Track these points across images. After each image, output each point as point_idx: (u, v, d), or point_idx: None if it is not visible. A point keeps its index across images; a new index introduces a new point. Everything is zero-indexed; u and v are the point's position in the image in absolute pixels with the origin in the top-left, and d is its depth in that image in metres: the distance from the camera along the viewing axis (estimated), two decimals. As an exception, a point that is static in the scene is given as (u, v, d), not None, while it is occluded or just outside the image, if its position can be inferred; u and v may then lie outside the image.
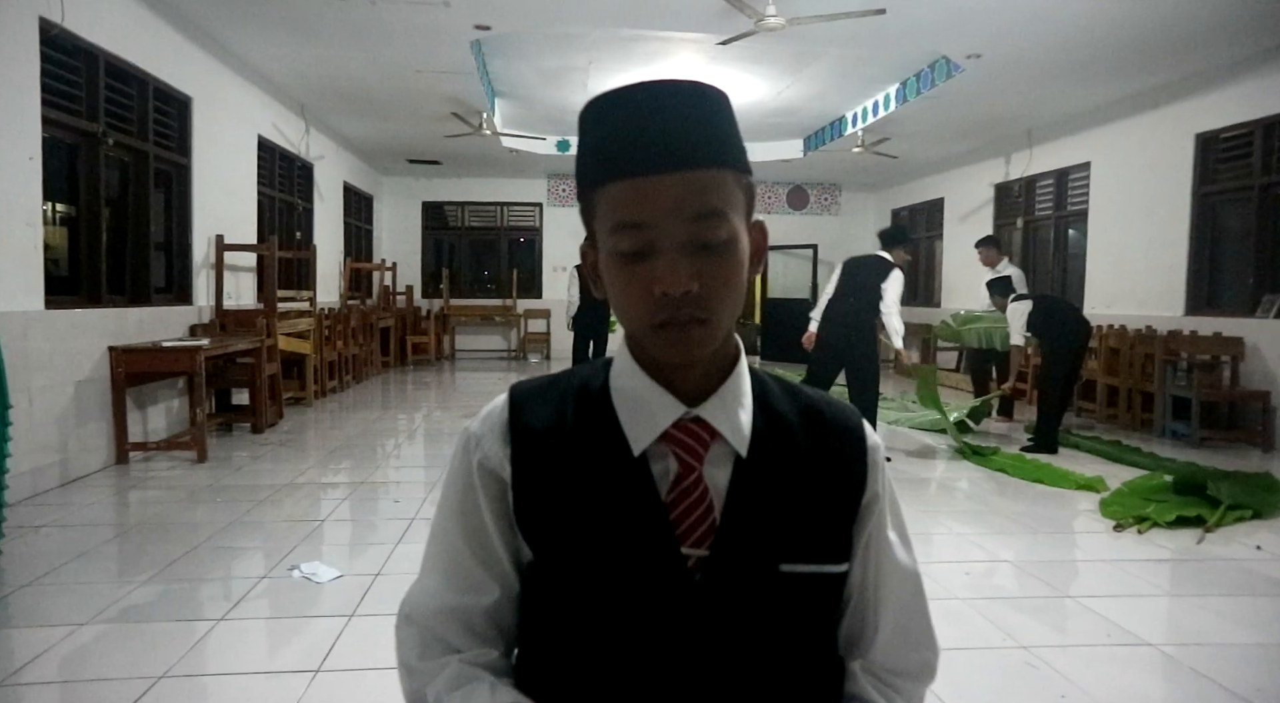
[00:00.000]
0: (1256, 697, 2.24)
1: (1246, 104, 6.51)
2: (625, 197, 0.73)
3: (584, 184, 0.79)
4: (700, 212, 0.73)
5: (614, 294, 0.77)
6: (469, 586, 0.82)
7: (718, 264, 0.74)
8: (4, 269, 4.08)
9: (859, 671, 0.84)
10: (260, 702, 2.20)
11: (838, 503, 0.82)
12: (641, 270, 0.73)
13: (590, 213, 0.79)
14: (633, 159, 0.73)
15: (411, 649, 0.84)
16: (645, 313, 0.74)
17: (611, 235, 0.75)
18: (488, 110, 8.79)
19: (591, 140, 0.78)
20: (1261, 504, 4.24)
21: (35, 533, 3.63)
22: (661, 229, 0.72)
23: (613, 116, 0.76)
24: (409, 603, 0.87)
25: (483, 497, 0.82)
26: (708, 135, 0.74)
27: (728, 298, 0.75)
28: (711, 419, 0.79)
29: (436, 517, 0.87)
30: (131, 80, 5.38)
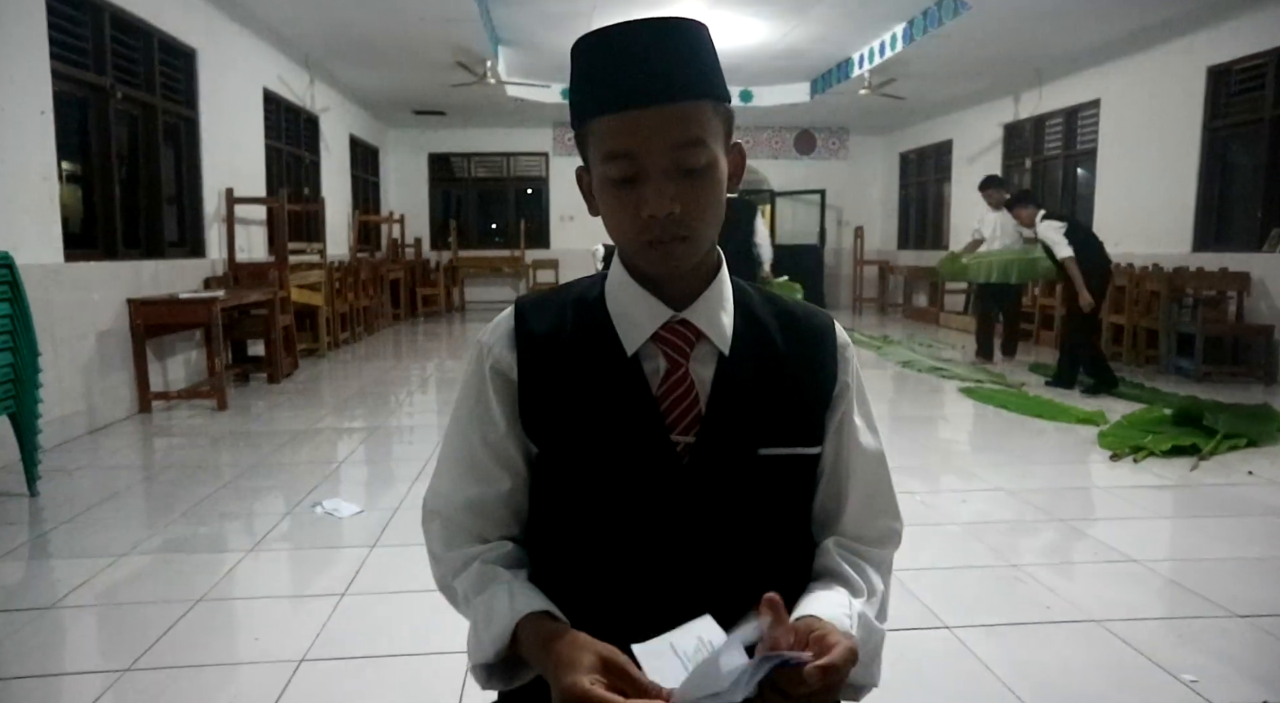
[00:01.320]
0: (1232, 604, 2.36)
1: (1260, 34, 6.41)
2: (615, 128, 0.81)
3: (578, 116, 0.87)
4: (682, 141, 0.80)
5: (607, 215, 0.86)
6: (484, 477, 0.91)
7: (698, 187, 0.82)
8: (24, 223, 4.17)
9: (831, 546, 0.93)
10: (291, 622, 2.34)
11: (812, 393, 0.91)
12: (630, 194, 0.82)
13: (584, 142, 0.87)
14: (621, 94, 0.80)
15: (437, 540, 0.94)
16: (634, 232, 0.83)
17: (603, 163, 0.83)
18: (492, 58, 8.74)
19: (583, 76, 0.85)
20: (1257, 433, 4.33)
21: (69, 476, 3.79)
22: (648, 157, 0.80)
23: (602, 54, 0.83)
24: (432, 498, 0.96)
25: (494, 398, 0.91)
26: (688, 70, 0.81)
27: (707, 216, 0.84)
28: (696, 321, 0.88)
29: (452, 420, 0.97)
30: (137, 33, 5.40)
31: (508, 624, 0.80)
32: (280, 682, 1.97)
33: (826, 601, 0.84)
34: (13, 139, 4.09)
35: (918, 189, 12.99)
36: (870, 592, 0.90)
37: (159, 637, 2.19)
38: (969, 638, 2.17)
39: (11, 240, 3.95)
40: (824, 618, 0.79)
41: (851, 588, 0.88)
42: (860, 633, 0.81)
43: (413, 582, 2.54)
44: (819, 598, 0.85)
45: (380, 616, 2.36)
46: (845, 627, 0.79)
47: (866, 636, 0.83)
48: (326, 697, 1.93)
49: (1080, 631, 2.23)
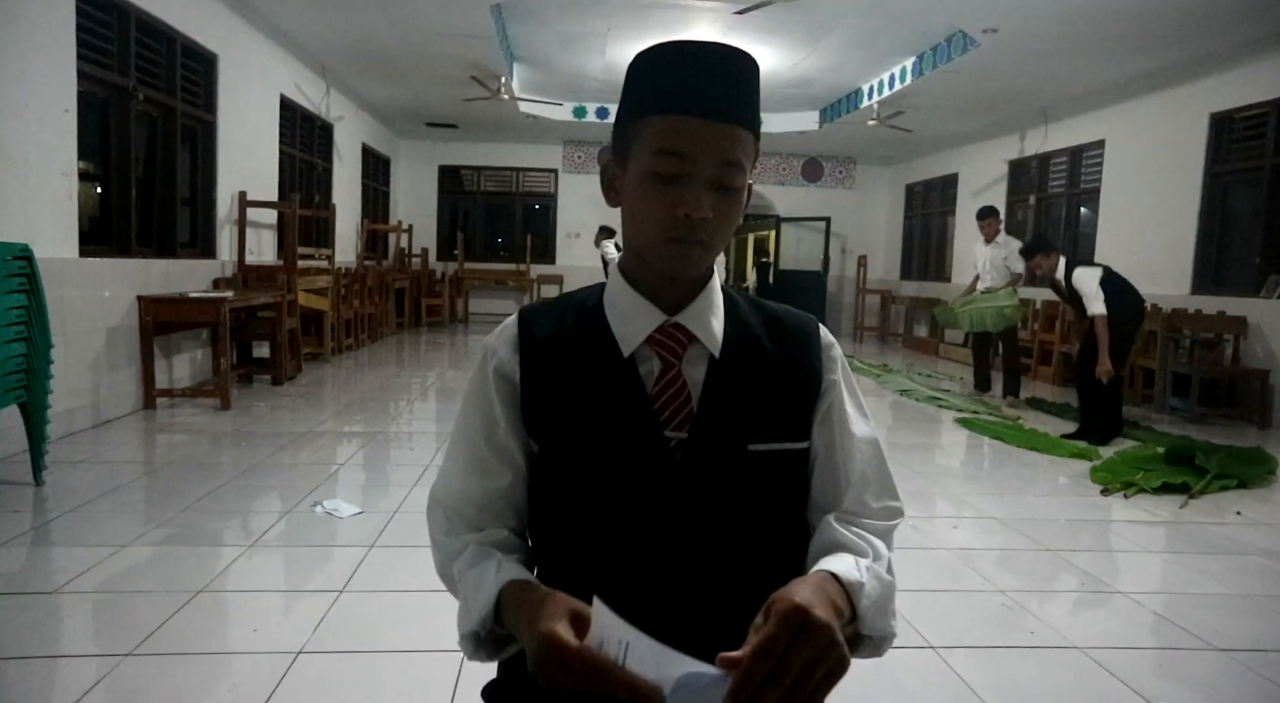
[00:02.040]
0: (1213, 637, 2.40)
1: (1262, 84, 6.53)
2: (676, 129, 0.88)
3: (635, 109, 0.92)
4: (729, 159, 0.88)
5: (637, 206, 0.91)
6: (486, 472, 0.97)
7: (728, 204, 0.90)
8: (42, 217, 4.25)
9: (831, 520, 0.95)
10: (290, 615, 2.39)
11: (798, 391, 0.97)
12: (670, 192, 0.88)
13: (632, 134, 0.92)
14: (689, 100, 0.87)
15: (439, 527, 1.00)
16: (663, 227, 0.89)
17: (654, 157, 0.89)
18: (506, 75, 8.87)
19: (651, 75, 0.91)
20: (1248, 475, 4.37)
21: (73, 468, 3.84)
22: (697, 163, 0.88)
23: (676, 60, 0.89)
24: (436, 490, 1.02)
25: (497, 398, 0.97)
26: (746, 99, 0.90)
27: (725, 231, 0.92)
28: (688, 325, 0.95)
29: (458, 419, 1.02)
30: (160, 36, 5.51)
31: (492, 592, 0.85)
32: (278, 672, 2.01)
33: (834, 561, 0.86)
34: (36, 135, 4.18)
35: (922, 221, 13.10)
36: (875, 555, 0.91)
37: (159, 625, 2.24)
38: (953, 659, 2.21)
39: (29, 233, 4.03)
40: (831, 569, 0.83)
41: (856, 551, 0.90)
42: (870, 584, 0.84)
43: (410, 581, 2.59)
44: (825, 562, 0.87)
45: (377, 612, 2.41)
46: (855, 577, 0.83)
47: (876, 587, 0.85)
48: (324, 688, 1.97)
49: (1062, 656, 2.28)
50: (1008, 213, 10.46)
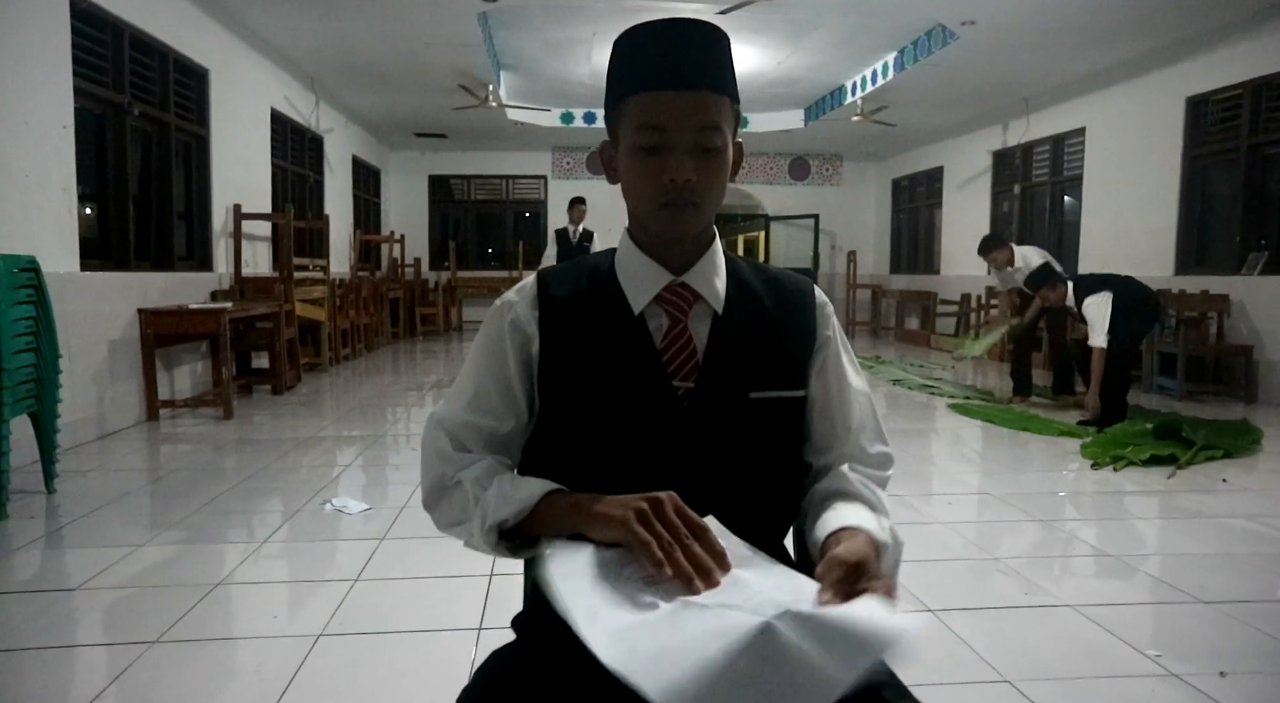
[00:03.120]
0: (1199, 592, 2.49)
1: (1236, 66, 6.66)
2: (651, 104, 0.96)
3: (616, 93, 1.01)
4: (704, 124, 0.96)
5: (631, 179, 1.00)
6: (489, 412, 1.04)
7: (711, 164, 0.98)
8: (44, 232, 4.32)
9: (847, 471, 1.04)
10: (308, 602, 2.46)
11: (795, 345, 1.06)
12: (655, 162, 0.97)
13: (617, 116, 1.01)
14: (660, 77, 0.96)
15: (443, 443, 1.04)
16: (654, 194, 0.98)
17: (637, 133, 0.98)
18: (494, 82, 8.97)
19: (626, 59, 1.00)
20: (1234, 445, 4.48)
21: (83, 476, 3.90)
22: (675, 132, 0.96)
23: (646, 42, 0.99)
24: (439, 414, 1.07)
25: (510, 348, 1.04)
26: (715, 66, 0.98)
27: (714, 190, 1.00)
28: (694, 283, 1.03)
29: (468, 362, 1.09)
30: (153, 52, 5.59)
31: (537, 491, 0.93)
32: (300, 654, 2.08)
33: (865, 517, 0.96)
34: (36, 152, 4.25)
35: (910, 214, 13.23)
36: (884, 511, 1.02)
37: (183, 614, 2.31)
38: (951, 620, 2.30)
39: (32, 248, 4.09)
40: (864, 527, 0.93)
41: (873, 506, 1.00)
42: (892, 545, 0.95)
43: (423, 568, 2.67)
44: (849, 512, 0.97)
45: (393, 597, 2.48)
46: (884, 539, 0.94)
47: (894, 548, 0.96)
48: (345, 667, 2.04)
49: (1055, 614, 2.37)
50: (993, 203, 10.60)
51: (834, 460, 1.07)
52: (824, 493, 1.04)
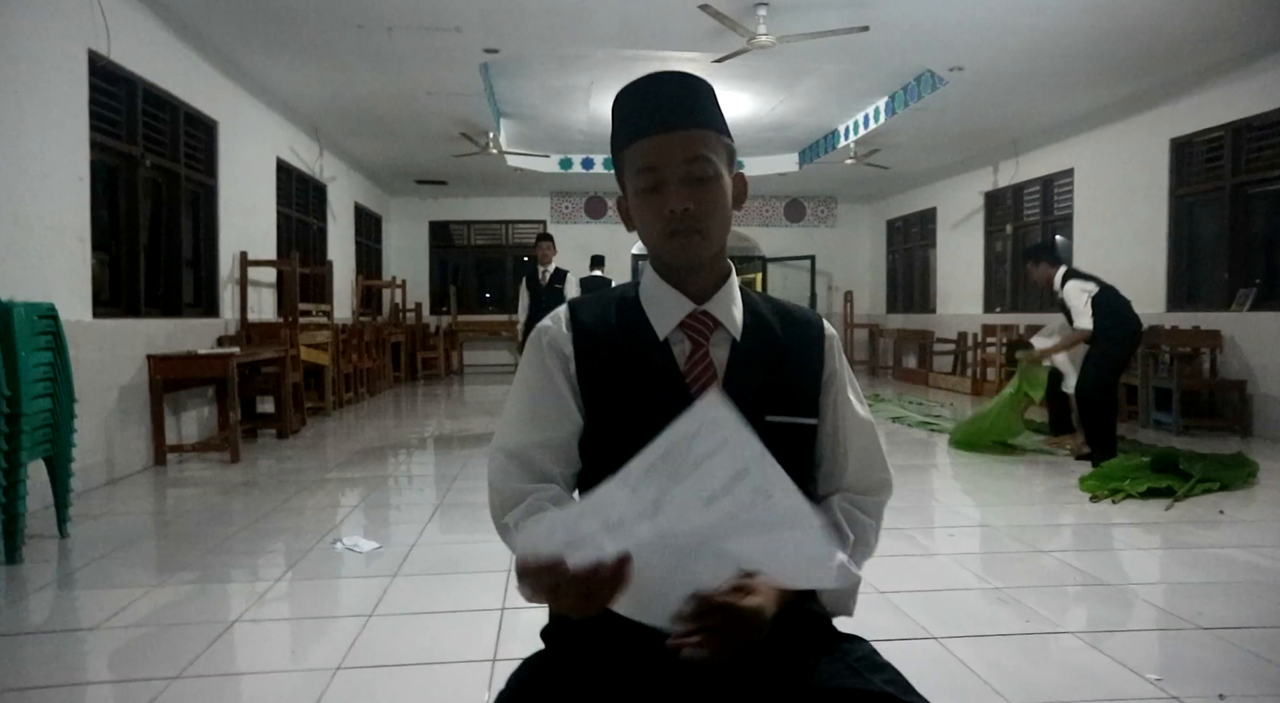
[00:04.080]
0: (1198, 619, 2.54)
1: (1217, 109, 6.86)
2: (643, 149, 1.07)
3: (616, 146, 1.13)
4: (692, 156, 1.06)
5: (639, 219, 1.11)
6: (548, 423, 1.11)
7: (705, 192, 1.07)
8: (59, 281, 4.42)
9: (835, 501, 1.13)
10: (325, 637, 2.50)
11: (805, 374, 1.14)
12: (655, 199, 1.07)
13: (621, 168, 1.13)
14: (647, 125, 1.07)
15: (499, 473, 1.11)
16: (659, 227, 1.07)
17: (635, 178, 1.09)
18: (494, 130, 9.18)
19: (620, 116, 1.12)
20: (1230, 478, 4.54)
21: (94, 520, 3.94)
22: (667, 169, 1.06)
23: (633, 98, 1.10)
24: (498, 439, 1.14)
25: (553, 365, 1.12)
26: (695, 106, 1.09)
27: (715, 215, 1.09)
28: (714, 312, 1.12)
29: (514, 388, 1.16)
30: (165, 106, 5.76)
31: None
32: (320, 687, 2.12)
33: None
34: (53, 203, 4.37)
35: (904, 255, 13.42)
36: (859, 542, 1.12)
37: (202, 651, 2.35)
38: (955, 647, 2.35)
39: (47, 295, 4.18)
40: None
41: (841, 540, 1.09)
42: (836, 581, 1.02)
43: (437, 603, 2.71)
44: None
45: (408, 631, 2.52)
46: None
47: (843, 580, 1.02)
48: (364, 699, 2.08)
49: (1057, 640, 2.42)
50: (986, 243, 10.78)
51: (833, 489, 1.15)
52: None
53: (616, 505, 0.80)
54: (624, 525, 0.80)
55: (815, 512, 0.87)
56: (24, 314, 3.34)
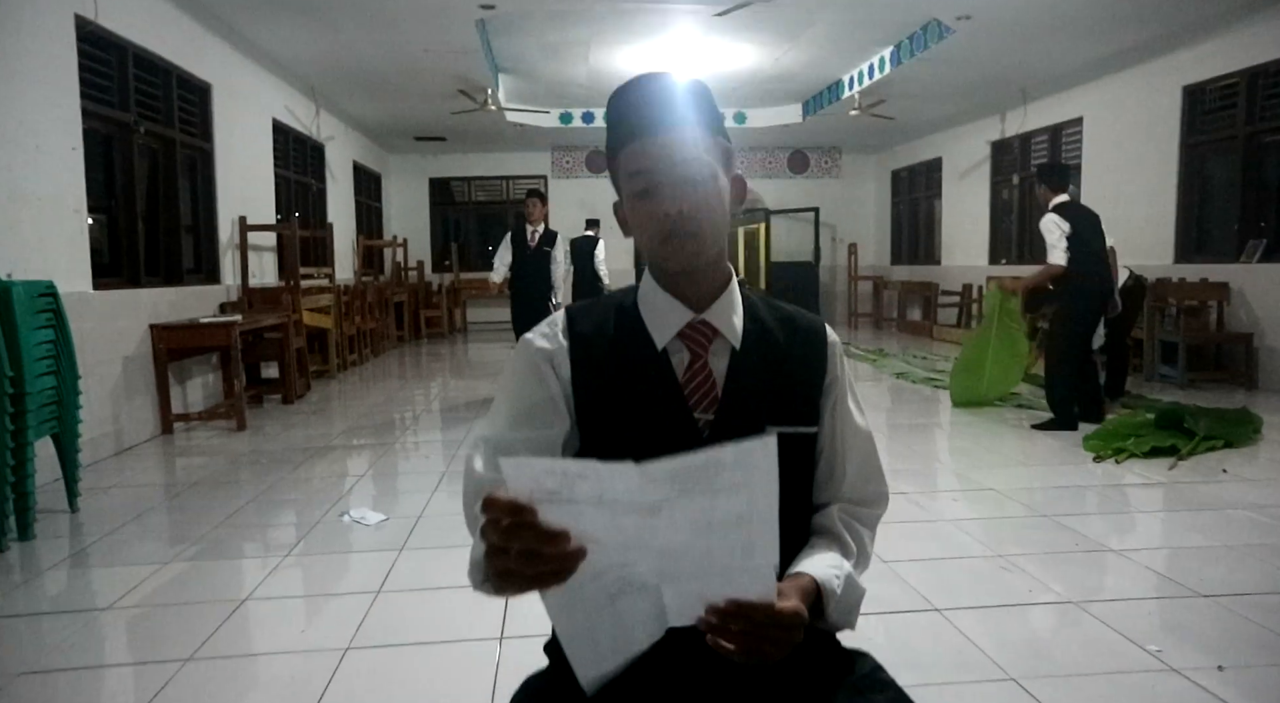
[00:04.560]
0: (1199, 585, 2.56)
1: (1232, 55, 6.70)
2: (635, 152, 1.04)
3: (610, 150, 1.09)
4: (684, 158, 1.03)
5: (635, 224, 1.08)
6: (538, 423, 1.08)
7: (700, 193, 1.04)
8: (57, 253, 4.39)
9: (834, 511, 1.12)
10: (333, 616, 2.53)
11: (807, 382, 1.12)
12: (650, 203, 1.04)
13: (615, 171, 1.09)
14: (638, 126, 1.04)
15: (480, 460, 1.06)
16: (655, 231, 1.04)
17: (628, 182, 1.06)
18: (492, 86, 9.02)
19: (612, 119, 1.09)
20: (1234, 435, 4.54)
21: (104, 493, 3.98)
22: (659, 171, 1.03)
23: (625, 100, 1.06)
24: (484, 432, 1.09)
25: (546, 370, 1.09)
26: (686, 107, 1.05)
27: (710, 217, 1.05)
28: (713, 321, 1.09)
29: (501, 389, 1.13)
30: (157, 70, 5.66)
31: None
32: (329, 667, 2.16)
33: (821, 561, 1.03)
34: (48, 174, 4.32)
35: (909, 206, 13.27)
36: (860, 553, 1.11)
37: (213, 631, 2.38)
38: (957, 619, 2.37)
39: (46, 269, 4.17)
40: (815, 575, 0.99)
41: (844, 550, 1.08)
42: (843, 589, 1.01)
43: (444, 579, 2.74)
44: (816, 558, 1.04)
45: (416, 608, 2.56)
46: (834, 586, 1.00)
47: (848, 591, 1.02)
48: (374, 680, 2.12)
49: (1058, 610, 2.44)
50: (992, 193, 10.64)
51: (830, 498, 1.14)
52: (813, 529, 1.12)
53: (622, 486, 0.77)
54: (615, 508, 0.77)
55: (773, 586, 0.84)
56: (23, 293, 3.32)
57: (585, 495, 0.76)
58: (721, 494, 0.80)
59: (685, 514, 0.80)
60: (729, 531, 0.80)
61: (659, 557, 0.81)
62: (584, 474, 0.76)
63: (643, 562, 0.81)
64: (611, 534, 0.77)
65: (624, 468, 0.76)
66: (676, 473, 0.78)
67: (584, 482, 0.76)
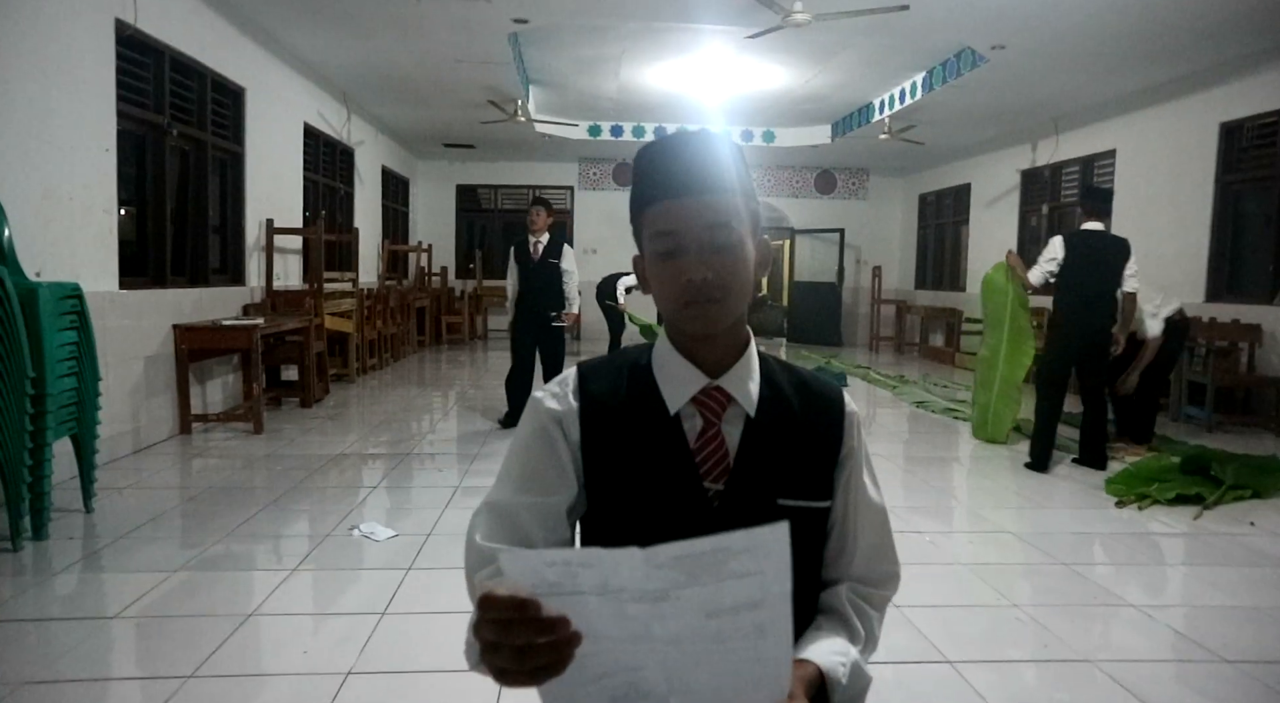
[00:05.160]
0: (1223, 649, 2.49)
1: (1271, 93, 6.59)
2: (663, 213, 1.02)
3: (635, 208, 1.07)
4: (714, 223, 1.01)
5: (655, 284, 1.05)
6: (543, 489, 1.06)
7: (725, 260, 1.01)
8: (86, 253, 4.44)
9: (843, 591, 1.09)
10: (335, 638, 2.52)
11: (821, 454, 1.09)
12: (673, 266, 1.01)
13: (639, 227, 1.07)
14: (669, 188, 1.01)
15: (479, 529, 1.06)
16: (676, 295, 1.02)
17: (652, 241, 1.03)
18: (522, 98, 9.05)
19: (641, 175, 1.06)
20: (1263, 485, 4.43)
21: (119, 493, 4.00)
22: (687, 235, 1.01)
23: (657, 158, 1.04)
24: (491, 497, 1.09)
25: (555, 434, 1.07)
26: (720, 171, 1.02)
27: (735, 285, 1.03)
28: (729, 387, 1.07)
29: (510, 452, 1.11)
30: (192, 73, 5.72)
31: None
32: (331, 691, 2.14)
33: (827, 647, 1.00)
34: (80, 175, 4.37)
35: (936, 230, 13.17)
36: (868, 639, 1.06)
37: (217, 647, 2.37)
38: (969, 673, 2.31)
39: (73, 268, 4.22)
40: (820, 663, 0.95)
41: (851, 635, 1.04)
42: (849, 679, 0.97)
43: (449, 603, 2.72)
44: (823, 644, 1.00)
45: (419, 633, 2.54)
46: (839, 675, 0.96)
47: (854, 681, 0.98)
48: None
49: (1074, 669, 2.37)
50: (1020, 222, 10.53)
51: (839, 576, 1.10)
52: (820, 608, 1.08)
53: (627, 573, 0.75)
54: (621, 596, 0.75)
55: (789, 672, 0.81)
56: (49, 295, 3.35)
57: (589, 585, 0.73)
58: (730, 580, 0.77)
59: (694, 600, 0.77)
60: (740, 614, 0.77)
61: (667, 649, 0.78)
62: (587, 563, 0.73)
63: (651, 662, 0.78)
64: (618, 625, 0.75)
65: (628, 554, 0.73)
66: (683, 559, 0.76)
67: (588, 571, 0.73)
